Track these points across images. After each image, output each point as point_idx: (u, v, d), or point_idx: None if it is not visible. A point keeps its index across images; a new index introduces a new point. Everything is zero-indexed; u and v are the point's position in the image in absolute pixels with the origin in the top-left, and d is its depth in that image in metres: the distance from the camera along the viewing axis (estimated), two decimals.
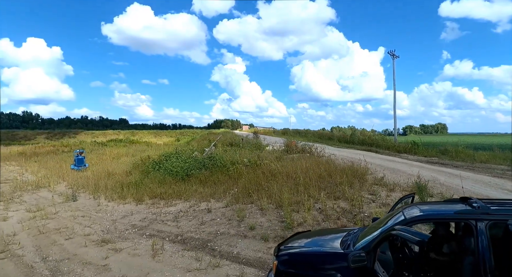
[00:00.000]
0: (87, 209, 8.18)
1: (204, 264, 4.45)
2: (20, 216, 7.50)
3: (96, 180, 11.52)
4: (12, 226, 6.65)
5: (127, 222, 6.84)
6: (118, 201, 8.84)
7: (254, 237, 5.49)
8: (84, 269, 4.41)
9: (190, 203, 8.06)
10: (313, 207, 6.66)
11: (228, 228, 6.05)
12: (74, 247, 5.35)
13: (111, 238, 5.73)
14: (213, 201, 8.08)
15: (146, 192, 9.15)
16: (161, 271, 4.26)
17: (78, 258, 4.84)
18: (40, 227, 6.49)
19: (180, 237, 5.75)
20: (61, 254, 5.04)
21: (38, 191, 10.85)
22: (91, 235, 5.96)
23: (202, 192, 8.86)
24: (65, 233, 6.13)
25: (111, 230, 6.29)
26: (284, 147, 14.44)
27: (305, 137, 21.66)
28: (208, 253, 4.91)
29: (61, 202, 8.94)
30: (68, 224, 6.73)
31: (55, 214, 7.58)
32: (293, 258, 2.97)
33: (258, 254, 4.79)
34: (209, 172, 10.40)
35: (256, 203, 7.44)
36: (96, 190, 10.12)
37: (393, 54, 24.50)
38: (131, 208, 8.10)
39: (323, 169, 9.36)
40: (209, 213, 7.11)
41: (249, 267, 4.31)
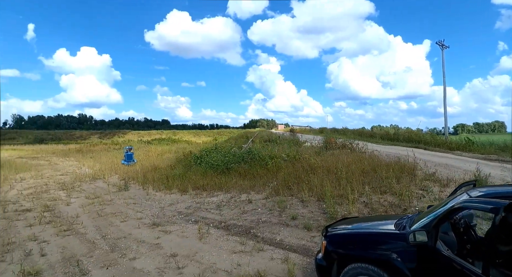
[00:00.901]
0: (137, 197, 8.81)
1: (248, 248, 4.54)
2: (81, 202, 8.32)
3: (144, 173, 12.35)
4: (75, 209, 7.41)
5: (174, 209, 7.23)
6: (164, 191, 9.39)
7: (296, 226, 5.47)
8: (139, 246, 4.76)
9: (230, 195, 8.27)
10: (357, 201, 6.43)
11: (269, 217, 6.10)
12: (128, 228, 5.81)
13: (160, 222, 6.11)
14: (253, 193, 8.19)
15: (189, 184, 9.57)
16: (208, 251, 4.44)
17: (133, 237, 5.24)
18: (98, 211, 7.15)
19: (223, 223, 5.93)
20: (118, 233, 5.50)
21: (95, 182, 11.94)
22: (143, 219, 6.42)
23: (242, 184, 9.04)
24: (120, 216, 6.68)
25: (160, 215, 6.70)
26: (322, 144, 14.11)
27: (344, 135, 20.86)
28: (251, 239, 4.99)
29: (115, 191, 9.73)
30: (122, 209, 7.32)
31: (111, 201, 8.28)
32: (343, 238, 2.90)
33: (302, 241, 4.75)
34: (248, 165, 10.56)
35: (296, 195, 7.39)
36: (144, 182, 10.86)
37: (442, 44, 22.51)
38: (177, 197, 8.54)
39: (367, 164, 8.98)
40: (250, 203, 7.23)
41: (293, 253, 4.30)
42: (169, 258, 4.22)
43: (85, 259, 4.25)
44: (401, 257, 2.37)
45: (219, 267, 3.91)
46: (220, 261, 4.09)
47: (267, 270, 3.70)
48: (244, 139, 21.28)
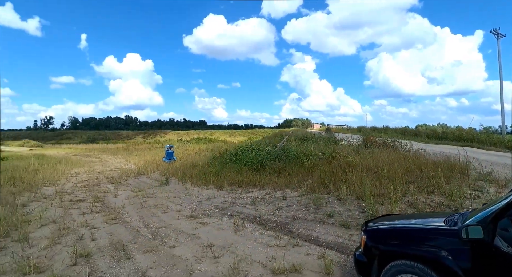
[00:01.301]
0: (177, 191, 9.22)
1: (283, 242, 4.49)
2: (127, 194, 8.93)
3: (183, 170, 12.90)
4: (122, 201, 7.96)
5: (210, 203, 7.43)
6: (202, 187, 9.71)
7: (333, 223, 5.28)
8: (178, 235, 4.97)
9: (265, 191, 8.27)
10: (400, 200, 6.02)
11: (304, 214, 5.98)
12: (169, 219, 6.09)
13: (198, 215, 6.31)
14: (288, 190, 8.10)
15: (225, 180, 9.77)
16: (243, 244, 4.47)
17: (173, 227, 5.49)
18: (142, 203, 7.61)
19: (258, 218, 5.95)
20: (159, 223, 5.79)
21: (139, 177, 12.75)
22: (181, 211, 6.69)
23: (276, 181, 9.00)
24: (161, 208, 7.05)
25: (197, 208, 6.93)
26: (361, 142, 13.48)
27: (385, 134, 19.74)
28: (286, 234, 4.93)
29: (157, 185, 10.29)
30: (163, 202, 7.71)
31: (153, 194, 8.77)
32: (385, 233, 2.72)
33: (339, 239, 4.57)
34: (283, 163, 10.48)
35: (333, 193, 7.16)
36: (183, 177, 11.34)
37: (498, 33, 20.09)
38: (213, 192, 8.77)
39: (411, 162, 8.37)
40: (285, 200, 7.16)
41: (330, 250, 4.15)
42: (206, 248, 4.33)
43: (129, 245, 4.54)
44: (452, 255, 2.15)
45: (254, 259, 3.92)
46: (255, 254, 4.09)
47: (302, 264, 3.62)
48: (279, 138, 21.17)
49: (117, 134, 70.01)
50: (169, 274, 3.52)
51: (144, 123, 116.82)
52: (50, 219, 6.02)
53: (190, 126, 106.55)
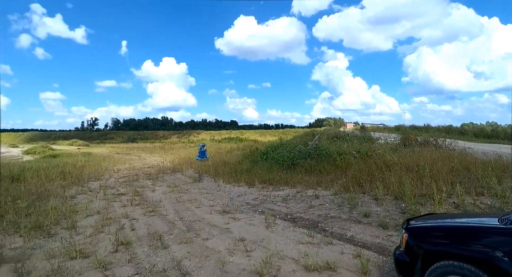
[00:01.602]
0: (209, 188, 9.44)
1: (316, 240, 4.38)
2: (163, 189, 9.33)
3: (215, 167, 13.18)
4: (158, 195, 8.34)
5: (242, 200, 7.50)
6: (233, 184, 9.84)
7: (369, 223, 5.03)
8: (211, 229, 5.08)
9: (296, 189, 8.15)
10: (445, 201, 5.57)
11: (338, 213, 5.78)
12: (202, 213, 6.26)
13: (230, 210, 6.40)
14: (320, 189, 7.91)
15: (256, 178, 9.81)
16: (275, 239, 4.44)
17: (206, 221, 5.62)
18: (177, 197, 7.90)
19: (289, 216, 5.87)
20: (193, 217, 5.97)
21: (174, 174, 13.28)
22: (214, 206, 6.83)
23: (308, 180, 8.83)
24: (195, 203, 7.26)
25: (229, 204, 7.03)
26: (399, 141, 12.74)
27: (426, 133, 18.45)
28: (319, 232, 4.80)
29: (191, 182, 10.64)
30: (197, 197, 7.94)
31: (187, 190, 9.07)
32: (429, 231, 2.52)
33: (376, 240, 4.34)
34: (315, 161, 10.25)
35: (369, 193, 6.85)
36: (215, 175, 11.59)
37: None
38: (244, 190, 8.84)
39: (457, 162, 7.73)
40: (317, 198, 7.00)
41: (367, 250, 3.96)
42: (237, 242, 4.37)
43: (166, 236, 4.73)
44: (509, 256, 1.92)
45: (285, 254, 3.86)
46: (287, 250, 4.04)
47: (337, 262, 3.49)
48: (310, 137, 20.82)
49: (154, 134, 73.88)
50: (202, 264, 3.61)
51: (179, 124, 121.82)
52: (94, 210, 6.49)
53: (221, 126, 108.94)
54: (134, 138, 67.30)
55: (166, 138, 64.31)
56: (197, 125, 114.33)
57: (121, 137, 69.79)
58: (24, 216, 5.52)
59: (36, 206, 6.30)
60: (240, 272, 3.38)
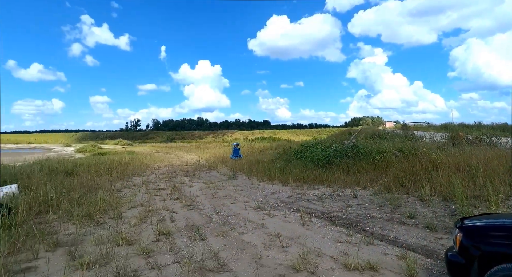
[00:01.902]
0: (244, 185, 9.54)
1: (355, 240, 4.18)
2: (200, 185, 9.62)
3: (249, 166, 13.30)
4: (195, 191, 8.61)
5: (276, 198, 7.45)
6: (267, 182, 9.83)
7: (415, 225, 4.69)
8: (246, 224, 5.10)
9: (333, 189, 7.90)
10: (503, 203, 5.00)
11: (379, 213, 5.47)
12: (237, 209, 6.32)
13: (264, 207, 6.39)
14: (358, 188, 7.58)
15: (290, 176, 9.69)
16: (311, 237, 4.32)
17: (241, 216, 5.67)
18: (213, 193, 8.09)
19: (326, 215, 5.69)
20: (228, 212, 6.06)
21: (210, 171, 13.65)
22: (248, 203, 6.87)
23: (345, 179, 8.51)
24: (230, 199, 7.37)
25: (263, 202, 7.02)
26: (447, 139, 11.73)
27: (478, 131, 16.79)
28: (358, 232, 4.58)
29: (225, 179, 10.84)
30: (231, 194, 8.06)
31: (222, 187, 9.25)
32: (488, 231, 2.26)
33: (423, 242, 4.02)
34: (352, 160, 9.85)
35: (413, 193, 6.40)
36: (249, 173, 11.69)
37: None
38: (278, 188, 8.78)
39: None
40: (355, 198, 6.71)
41: (412, 252, 3.67)
42: (273, 237, 4.33)
43: (203, 228, 4.86)
44: None
45: (323, 252, 3.73)
46: (325, 248, 3.90)
47: (379, 263, 3.28)
48: (346, 136, 20.07)
49: (190, 134, 76.92)
50: (239, 257, 3.63)
51: (214, 124, 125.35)
52: (138, 203, 6.89)
53: (254, 126, 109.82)
54: (172, 138, 70.68)
55: (201, 138, 66.59)
56: (231, 125, 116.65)
57: (161, 137, 73.67)
58: (76, 206, 6.04)
59: (87, 197, 6.86)
60: (276, 266, 3.33)
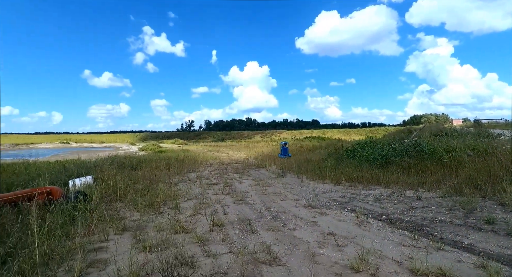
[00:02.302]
0: (293, 183, 9.39)
1: (421, 244, 3.75)
2: (249, 182, 9.76)
3: (298, 164, 13.09)
4: (245, 187, 8.75)
5: (328, 197, 7.15)
6: (317, 181, 9.53)
7: (495, 232, 4.04)
8: (297, 220, 4.98)
9: (391, 190, 7.29)
10: None
11: (449, 217, 4.85)
12: (287, 205, 6.23)
13: (315, 205, 6.18)
14: (422, 190, 6.85)
15: (342, 175, 9.24)
16: (369, 238, 4.01)
17: (292, 213, 5.56)
18: (263, 190, 8.12)
19: (385, 216, 5.26)
20: (278, 208, 6.00)
21: (258, 169, 13.78)
22: (299, 201, 6.72)
23: (406, 180, 7.79)
24: (279, 196, 7.31)
25: (314, 200, 6.80)
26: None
27: None
28: (424, 236, 4.12)
29: (274, 177, 10.82)
30: (281, 191, 7.99)
31: (271, 184, 9.24)
32: None
33: (507, 251, 3.43)
34: (414, 160, 8.96)
35: (490, 197, 5.55)
36: (298, 172, 11.48)
37: None
38: (330, 187, 8.43)
39: None
40: (419, 200, 6.07)
41: (494, 262, 3.15)
42: (327, 235, 4.14)
43: (254, 222, 4.88)
44: None
45: (384, 254, 3.43)
46: (386, 250, 3.58)
47: (453, 270, 2.88)
48: (405, 134, 18.40)
49: (239, 134, 79.10)
50: (291, 252, 3.54)
51: (262, 124, 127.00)
52: (193, 196, 7.27)
53: (302, 126, 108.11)
54: (222, 137, 73.54)
55: (250, 137, 67.93)
56: (279, 125, 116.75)
57: (212, 137, 77.22)
58: (140, 196, 6.61)
59: (149, 189, 7.47)
60: (332, 264, 3.16)
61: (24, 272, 2.82)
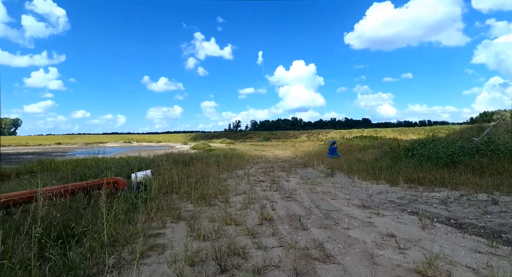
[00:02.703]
0: (343, 183, 8.94)
1: (501, 252, 3.23)
2: (296, 181, 9.58)
3: (348, 164, 12.46)
4: (293, 185, 8.61)
5: (383, 198, 6.64)
6: (371, 181, 8.93)
7: None
8: (351, 220, 4.70)
9: (460, 192, 6.47)
10: None
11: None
12: (339, 205, 5.94)
13: (370, 206, 5.78)
14: (498, 194, 5.95)
15: (400, 176, 8.51)
16: (437, 242, 3.58)
17: (344, 212, 5.28)
18: (311, 188, 7.89)
19: (453, 220, 4.66)
20: (329, 207, 5.75)
21: (305, 168, 13.48)
22: (351, 200, 6.36)
23: (477, 182, 6.85)
24: (329, 195, 7.01)
25: (368, 201, 6.37)
26: None
27: None
28: (504, 244, 3.53)
29: (323, 176, 10.45)
30: (330, 190, 7.67)
31: (320, 183, 8.93)
32: None
33: None
34: (487, 159, 7.85)
35: None
36: (349, 171, 10.91)
37: None
38: (385, 188, 7.83)
39: None
40: (495, 205, 5.27)
41: None
42: (386, 237, 3.81)
43: (303, 219, 4.74)
44: None
45: (456, 260, 3.02)
46: (458, 256, 3.15)
47: None
48: (474, 131, 16.27)
49: (285, 133, 78.64)
50: (347, 251, 3.33)
51: (308, 124, 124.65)
52: (241, 191, 7.38)
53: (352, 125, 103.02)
54: (268, 137, 73.93)
55: (296, 137, 67.06)
56: (326, 125, 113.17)
57: (258, 137, 78.14)
58: (193, 189, 6.94)
59: (200, 183, 7.80)
60: (394, 267, 2.88)
61: (94, 249, 3.14)
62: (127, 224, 4.23)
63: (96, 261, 2.99)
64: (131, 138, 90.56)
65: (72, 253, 2.80)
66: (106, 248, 3.15)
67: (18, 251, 2.43)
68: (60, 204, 4.14)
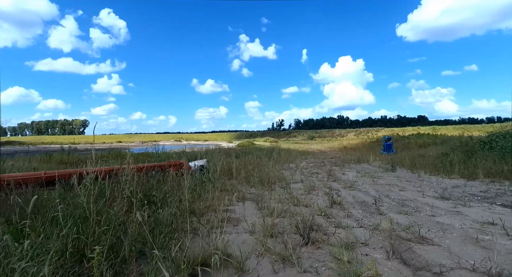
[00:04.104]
0: (408, 177, 8.20)
1: None
2: (353, 174, 9.05)
3: (410, 159, 11.47)
4: (351, 178, 8.13)
5: (462, 191, 5.89)
6: (441, 176, 8.06)
7: None
8: (433, 209, 4.21)
9: None
10: None
11: None
12: (410, 195, 5.41)
13: (450, 198, 5.15)
14: None
15: (479, 170, 7.52)
16: None
17: (420, 202, 4.77)
18: (373, 181, 7.37)
19: None
20: (400, 197, 5.26)
21: (359, 164, 12.75)
22: (424, 192, 5.76)
23: None
24: (396, 187, 6.45)
25: (444, 193, 5.69)
26: None
27: None
28: None
29: (382, 171, 9.73)
30: (396, 183, 7.06)
31: (381, 177, 8.31)
32: None
33: None
34: None
35: None
36: (412, 166, 10.01)
37: None
38: (460, 182, 6.98)
39: None
40: None
41: None
42: (485, 224, 3.31)
43: (377, 205, 4.38)
44: None
45: None
46: None
47: None
48: None
49: (331, 132, 76.07)
50: (443, 235, 2.95)
51: (355, 122, 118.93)
52: (298, 180, 7.20)
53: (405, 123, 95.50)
54: (312, 136, 72.25)
55: (342, 136, 64.47)
56: (375, 123, 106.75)
57: (302, 135, 76.90)
58: (250, 175, 6.95)
59: (256, 170, 7.81)
60: (508, 251, 2.45)
61: (176, 215, 3.24)
62: (198, 199, 4.36)
63: (180, 225, 3.08)
64: (181, 137, 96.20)
65: (160, 214, 2.96)
66: (187, 214, 3.22)
67: (114, 206, 2.60)
68: (138, 178, 4.42)
